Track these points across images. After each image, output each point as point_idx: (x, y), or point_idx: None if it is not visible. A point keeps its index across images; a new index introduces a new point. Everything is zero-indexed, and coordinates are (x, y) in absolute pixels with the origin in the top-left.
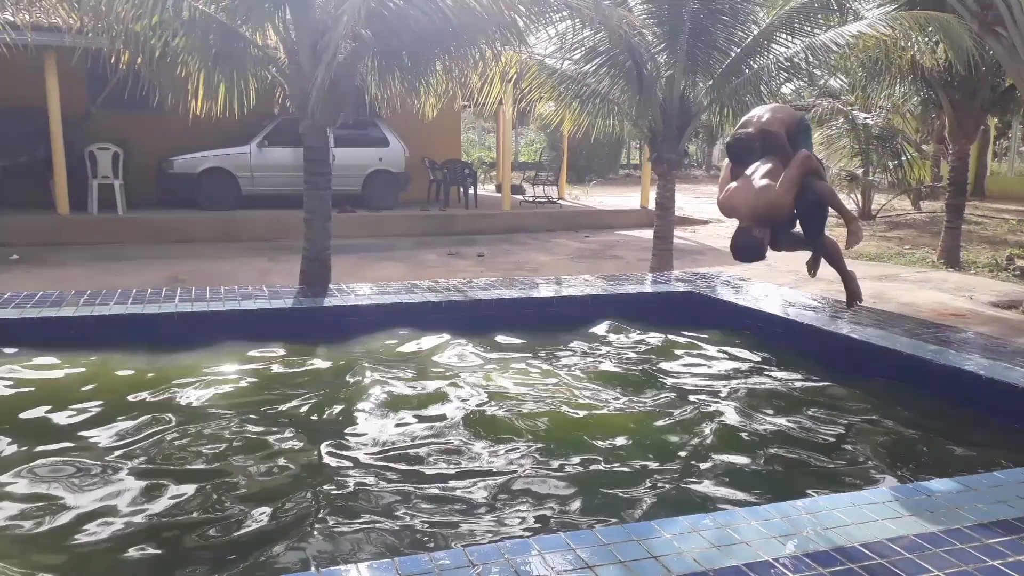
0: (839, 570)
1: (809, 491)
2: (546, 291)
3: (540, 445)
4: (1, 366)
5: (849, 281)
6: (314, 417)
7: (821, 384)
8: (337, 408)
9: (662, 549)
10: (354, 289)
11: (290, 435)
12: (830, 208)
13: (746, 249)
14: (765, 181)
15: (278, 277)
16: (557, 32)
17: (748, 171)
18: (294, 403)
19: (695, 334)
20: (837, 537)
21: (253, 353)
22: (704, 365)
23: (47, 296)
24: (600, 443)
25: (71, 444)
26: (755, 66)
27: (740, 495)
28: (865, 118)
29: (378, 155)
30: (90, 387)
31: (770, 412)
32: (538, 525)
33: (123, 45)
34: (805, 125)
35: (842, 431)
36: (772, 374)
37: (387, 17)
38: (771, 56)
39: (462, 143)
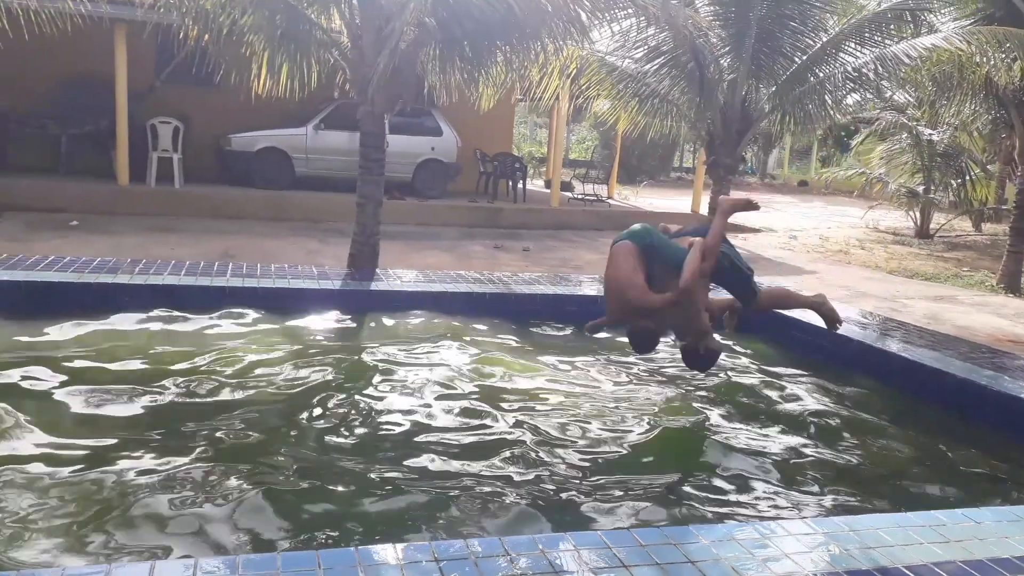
0: None
1: (850, 509)
2: (590, 289)
3: (576, 443)
4: (57, 326)
5: (820, 306)
6: (352, 397)
7: (868, 403)
8: (377, 391)
9: (699, 555)
10: (400, 275)
11: (325, 414)
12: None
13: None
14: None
15: (326, 259)
16: (620, 29)
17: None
18: (332, 380)
19: (741, 343)
20: (880, 557)
21: (294, 330)
22: (749, 375)
23: (104, 262)
24: (636, 445)
25: (117, 405)
26: (821, 75)
27: (778, 508)
28: (930, 134)
29: (431, 144)
30: (138, 351)
31: (812, 427)
32: (573, 521)
33: (192, 21)
34: (644, 245)
35: (888, 451)
36: (817, 388)
37: (452, 5)
38: (838, 65)
39: (513, 137)
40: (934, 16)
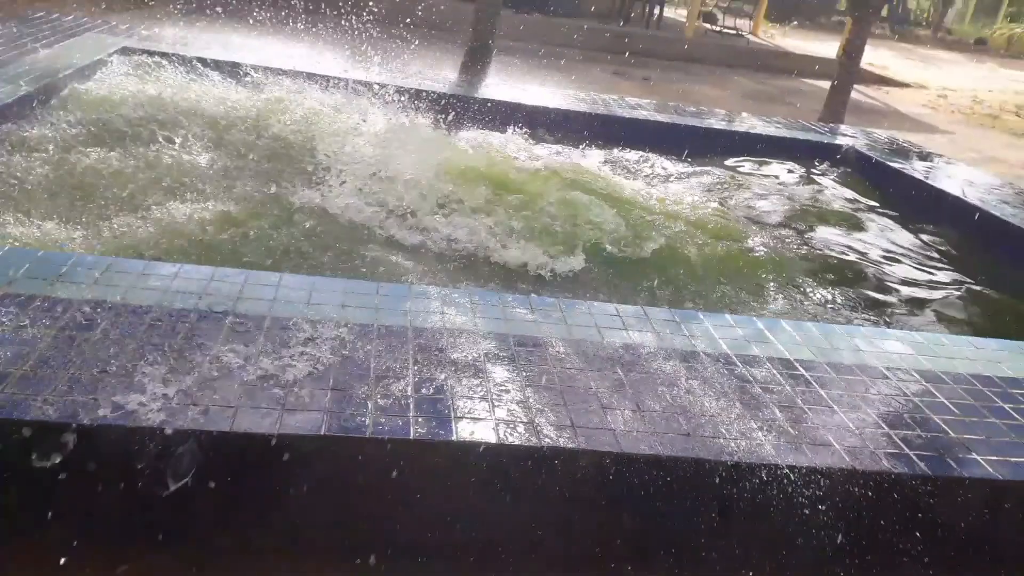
0: None
1: None
2: (694, 120)
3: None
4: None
5: None
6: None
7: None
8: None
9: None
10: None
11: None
12: None
13: None
14: None
15: (451, 69)
16: None
17: None
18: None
19: (844, 192)
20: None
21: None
22: (843, 226)
23: None
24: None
25: None
26: None
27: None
28: None
29: None
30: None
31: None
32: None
33: None
34: None
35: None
36: (909, 243)
37: None
38: None
39: None
40: None
